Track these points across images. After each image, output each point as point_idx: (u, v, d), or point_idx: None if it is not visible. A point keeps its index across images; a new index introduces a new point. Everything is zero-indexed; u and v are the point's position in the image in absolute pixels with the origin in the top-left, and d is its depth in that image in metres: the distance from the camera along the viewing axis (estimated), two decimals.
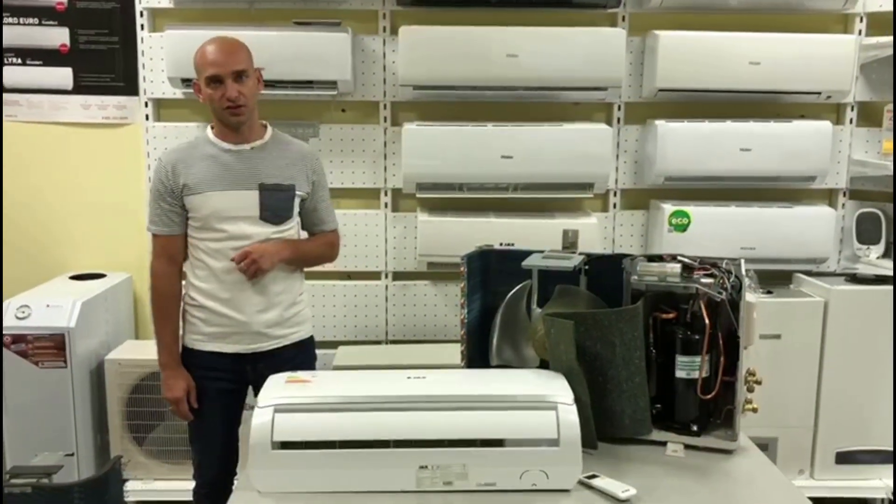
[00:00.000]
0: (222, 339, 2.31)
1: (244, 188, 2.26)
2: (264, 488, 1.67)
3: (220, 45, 2.23)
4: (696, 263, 1.89)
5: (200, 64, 2.22)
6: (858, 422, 3.20)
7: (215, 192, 2.24)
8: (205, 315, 2.31)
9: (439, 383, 1.77)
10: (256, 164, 2.28)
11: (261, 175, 2.27)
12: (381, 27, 3.27)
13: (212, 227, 2.25)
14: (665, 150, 3.18)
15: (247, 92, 2.22)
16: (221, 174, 2.25)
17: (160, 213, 2.28)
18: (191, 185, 2.24)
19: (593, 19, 3.26)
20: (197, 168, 2.25)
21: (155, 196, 2.29)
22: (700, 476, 1.76)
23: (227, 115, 2.23)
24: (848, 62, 3.18)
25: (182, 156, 2.28)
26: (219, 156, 2.27)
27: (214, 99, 2.21)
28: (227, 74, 2.19)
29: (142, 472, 3.05)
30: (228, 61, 2.19)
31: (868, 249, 3.30)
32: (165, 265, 2.32)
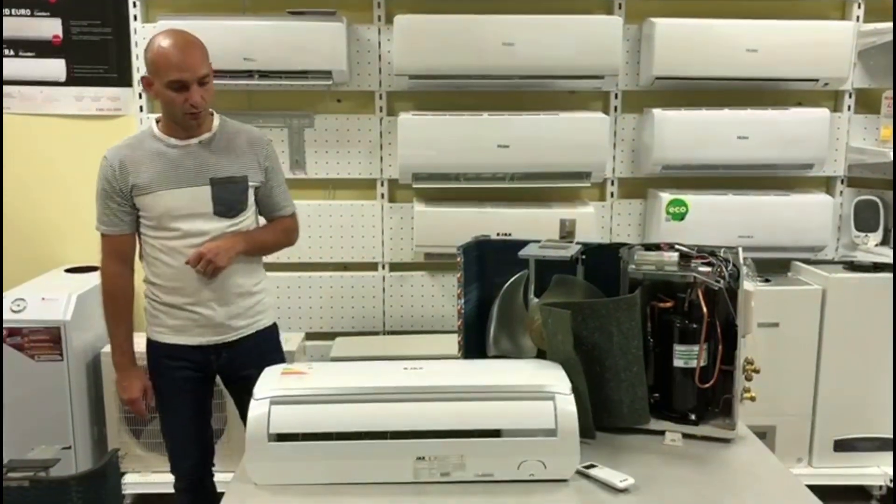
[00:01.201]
0: (185, 331, 2.28)
1: (195, 184, 2.19)
2: (261, 481, 1.66)
3: (184, 47, 2.11)
4: (694, 252, 1.88)
5: (163, 66, 2.10)
6: (856, 410, 3.20)
7: (166, 190, 2.17)
8: (166, 309, 2.28)
9: (436, 374, 1.76)
10: (206, 158, 2.21)
11: (211, 169, 2.21)
12: (376, 16, 3.24)
13: (165, 226, 2.20)
14: (662, 139, 3.17)
15: (207, 96, 2.16)
16: (171, 172, 2.18)
17: (108, 213, 2.21)
18: (140, 184, 2.17)
19: (589, 7, 3.24)
20: (145, 167, 2.17)
21: (102, 195, 2.21)
22: (698, 465, 1.76)
23: (186, 119, 2.16)
24: (846, 49, 3.17)
25: (128, 153, 2.19)
26: (166, 152, 2.20)
27: (177, 103, 2.12)
28: (193, 80, 2.11)
29: (139, 465, 3.05)
30: (195, 67, 2.10)
31: (866, 237, 3.30)
32: (116, 265, 2.26)
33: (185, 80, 2.09)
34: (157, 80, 2.12)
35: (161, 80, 2.11)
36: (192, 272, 2.19)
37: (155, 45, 2.12)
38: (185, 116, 2.15)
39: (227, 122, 2.30)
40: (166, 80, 2.10)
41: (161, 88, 2.12)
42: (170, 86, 2.10)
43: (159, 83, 2.12)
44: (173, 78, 2.09)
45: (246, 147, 2.28)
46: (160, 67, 2.10)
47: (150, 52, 2.13)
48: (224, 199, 2.22)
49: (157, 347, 2.32)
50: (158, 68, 2.11)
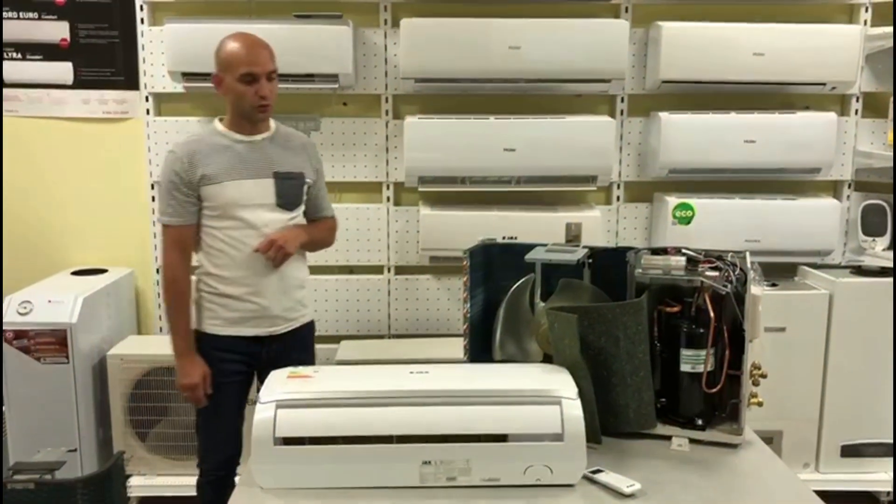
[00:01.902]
0: (241, 323, 2.35)
1: (260, 177, 2.32)
2: (267, 484, 1.66)
3: (255, 43, 2.29)
4: (701, 256, 1.88)
5: (235, 61, 2.25)
6: (864, 415, 3.19)
7: (233, 181, 2.29)
8: (224, 301, 2.34)
9: (442, 378, 1.76)
10: (269, 153, 2.35)
11: (274, 164, 2.34)
12: (383, 20, 3.25)
13: (230, 215, 2.30)
14: (669, 143, 3.16)
15: (274, 91, 2.32)
16: (237, 164, 2.30)
17: (175, 204, 2.30)
18: (209, 175, 2.27)
19: (596, 10, 3.23)
20: (213, 158, 2.29)
21: (169, 187, 2.30)
22: (705, 470, 1.75)
23: (255, 112, 2.30)
24: (853, 53, 3.16)
25: (197, 147, 2.31)
26: (232, 146, 2.32)
27: (247, 95, 2.26)
28: (263, 73, 2.26)
29: (145, 468, 3.05)
30: (265, 61, 2.27)
31: (873, 241, 3.28)
32: (179, 256, 2.33)
33: (256, 73, 2.25)
34: (228, 75, 2.27)
35: (233, 74, 2.26)
36: (254, 263, 2.30)
37: (227, 43, 2.28)
38: (253, 109, 2.29)
39: (281, 126, 2.45)
40: (238, 73, 2.25)
41: (232, 83, 2.26)
42: (241, 79, 2.25)
43: (231, 78, 2.26)
44: (245, 71, 2.24)
45: (300, 148, 2.44)
46: (233, 62, 2.26)
47: (222, 51, 2.29)
48: (285, 193, 2.35)
49: (210, 339, 2.37)
50: (231, 63, 2.26)
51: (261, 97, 2.27)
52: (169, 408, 3.02)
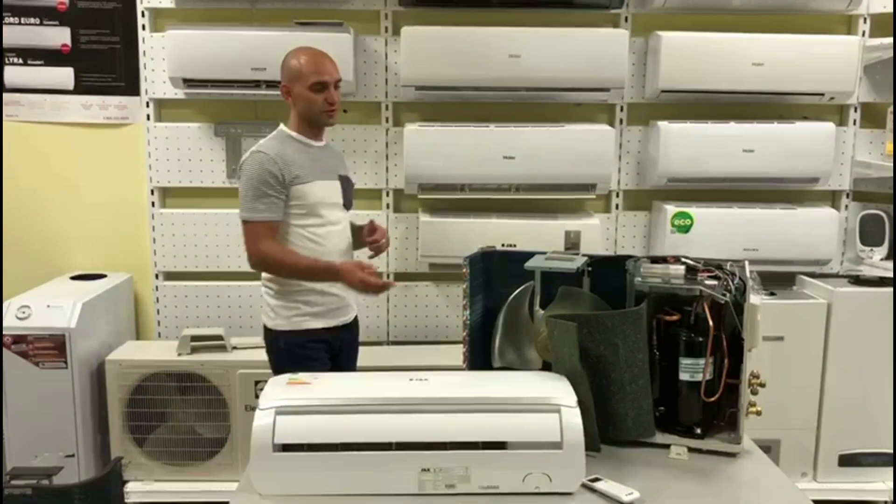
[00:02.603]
0: (325, 315, 2.48)
1: (331, 178, 2.52)
2: (265, 491, 1.65)
3: (323, 55, 2.47)
4: (700, 265, 1.88)
5: (307, 70, 2.41)
6: (861, 424, 3.19)
7: (318, 181, 2.45)
8: (309, 297, 2.45)
9: (441, 385, 1.76)
10: (331, 158, 2.57)
11: (337, 168, 2.57)
12: (383, 27, 3.26)
13: (316, 213, 2.45)
14: (668, 151, 3.17)
15: (339, 99, 2.51)
16: (317, 165, 2.47)
17: (268, 202, 2.38)
18: (301, 174, 2.41)
19: (596, 20, 3.25)
20: (299, 159, 2.44)
21: (261, 185, 2.38)
22: (703, 479, 1.75)
23: (324, 117, 2.47)
24: (851, 63, 3.17)
25: (283, 148, 2.44)
26: (307, 150, 2.49)
27: (317, 102, 2.43)
28: (332, 82, 2.45)
29: (142, 473, 3.04)
30: (334, 71, 2.46)
31: (871, 251, 3.29)
32: (272, 242, 2.40)
33: (326, 81, 2.43)
34: (299, 85, 2.43)
35: (304, 83, 2.42)
36: (334, 257, 2.45)
37: (296, 56, 2.45)
38: (323, 114, 2.47)
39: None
40: (310, 82, 2.42)
41: (303, 91, 2.43)
42: (312, 87, 2.42)
43: (301, 87, 2.43)
44: (318, 80, 2.42)
45: (340, 154, 2.69)
46: (304, 73, 2.42)
47: (291, 63, 2.45)
48: (346, 194, 2.57)
49: (298, 335, 2.46)
50: (302, 74, 2.42)
51: (330, 103, 2.44)
52: (167, 413, 3.01)
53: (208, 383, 2.97)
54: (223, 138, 3.30)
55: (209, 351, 3.01)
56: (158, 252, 3.36)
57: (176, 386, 2.99)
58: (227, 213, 3.34)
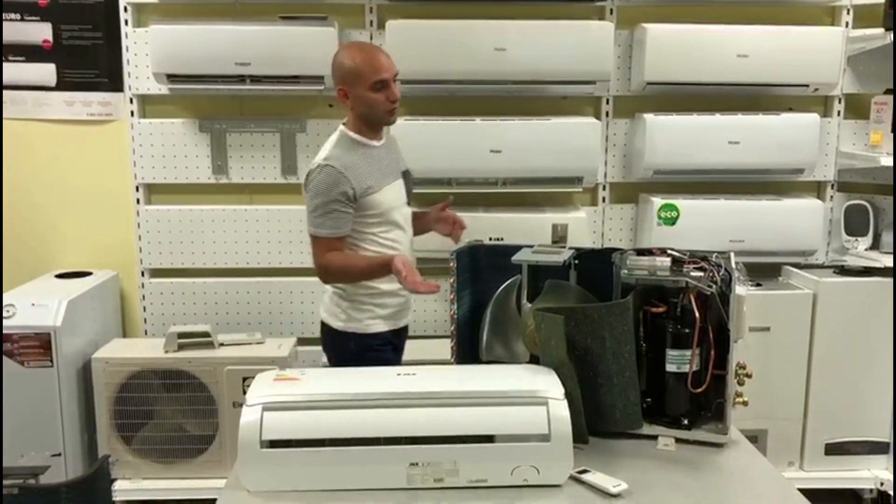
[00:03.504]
0: (392, 317, 2.48)
1: (396, 178, 2.47)
2: (254, 487, 1.65)
3: (378, 49, 2.41)
4: (686, 257, 1.89)
5: (367, 71, 2.31)
6: (847, 413, 3.21)
7: (386, 186, 2.41)
8: (380, 300, 2.44)
9: (429, 380, 1.76)
10: (391, 155, 2.51)
11: (399, 164, 2.52)
12: (368, 21, 3.25)
13: (388, 219, 2.41)
14: (654, 144, 3.18)
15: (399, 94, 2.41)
16: (382, 169, 2.42)
17: (336, 217, 2.32)
18: (371, 185, 2.35)
19: (581, 12, 3.24)
20: (365, 168, 2.37)
21: (330, 202, 2.30)
22: (691, 470, 1.76)
23: (386, 116, 2.40)
24: (835, 54, 3.19)
25: (350, 159, 2.35)
26: (372, 153, 2.42)
27: (379, 101, 2.34)
28: (392, 78, 2.36)
29: (130, 472, 3.02)
30: (391, 67, 2.37)
31: (856, 241, 3.31)
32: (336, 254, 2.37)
33: (386, 79, 2.34)
34: (359, 86, 2.33)
35: (364, 84, 2.32)
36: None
37: (350, 56, 2.36)
38: (385, 113, 2.39)
39: None
40: (371, 82, 2.32)
41: (363, 92, 2.33)
42: (373, 87, 2.32)
43: (362, 88, 2.33)
44: (380, 78, 2.32)
45: (396, 144, 2.60)
46: (364, 73, 2.32)
47: (346, 65, 2.35)
48: (408, 189, 2.54)
49: (371, 338, 2.45)
50: (361, 74, 2.32)
51: (391, 101, 2.36)
52: (154, 411, 3.00)
53: (196, 380, 2.96)
54: (208, 134, 3.29)
55: (196, 348, 3.00)
56: (144, 249, 3.34)
57: (163, 383, 2.98)
58: (213, 209, 3.33)
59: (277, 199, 3.36)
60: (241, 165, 3.31)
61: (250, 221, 3.33)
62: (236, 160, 3.31)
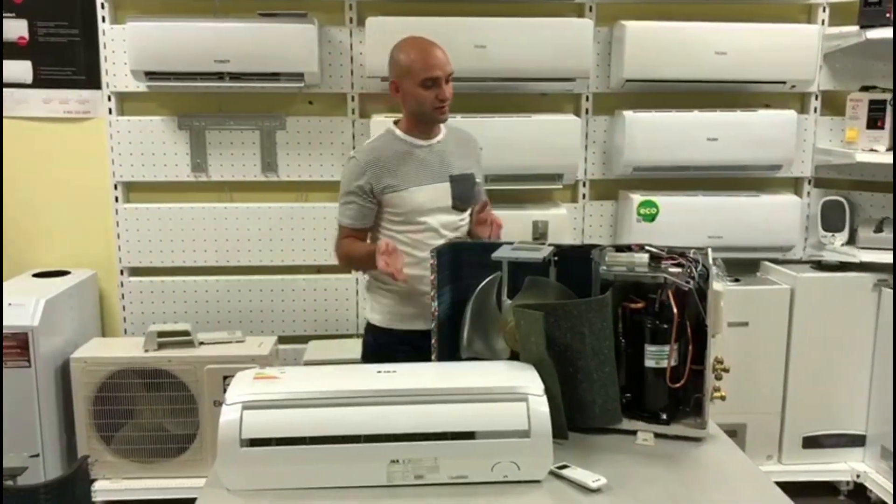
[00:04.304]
0: (416, 318, 2.36)
1: (438, 181, 2.38)
2: (234, 486, 1.65)
3: (434, 47, 2.33)
4: (664, 253, 1.90)
5: (418, 67, 2.29)
6: (825, 406, 3.25)
7: (416, 187, 2.34)
8: (403, 299, 2.40)
9: (410, 377, 1.76)
10: (445, 156, 2.41)
11: (450, 167, 2.40)
12: (348, 18, 3.24)
13: (413, 220, 2.36)
14: (633, 141, 3.20)
15: (451, 93, 2.36)
16: (418, 170, 2.36)
17: (354, 209, 2.37)
18: (393, 183, 2.33)
19: (560, 9, 3.25)
20: (395, 166, 2.34)
21: (348, 192, 2.36)
22: (670, 464, 1.77)
23: (435, 114, 2.35)
24: (812, 52, 3.22)
25: (378, 155, 2.36)
26: (412, 152, 2.37)
27: (428, 99, 2.30)
28: (443, 76, 2.31)
29: (110, 472, 3.00)
30: (444, 65, 2.32)
31: (833, 237, 3.35)
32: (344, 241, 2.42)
33: (437, 77, 2.30)
34: (409, 81, 2.31)
35: (414, 80, 2.30)
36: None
37: (404, 50, 2.33)
38: (434, 111, 2.34)
39: (450, 124, 2.48)
40: (420, 78, 2.29)
41: (413, 88, 2.31)
42: (423, 84, 2.29)
43: (411, 83, 2.31)
44: (430, 75, 2.29)
45: (469, 146, 2.52)
46: (414, 69, 2.30)
47: (400, 58, 2.33)
48: (460, 194, 2.41)
49: (391, 335, 2.43)
50: (412, 69, 2.30)
51: (440, 100, 2.31)
52: (134, 411, 2.98)
53: (176, 379, 2.95)
54: (187, 131, 3.27)
55: (176, 347, 2.98)
56: (123, 248, 3.31)
57: (143, 383, 2.96)
58: (193, 206, 3.31)
59: (257, 196, 3.35)
60: (220, 163, 3.30)
61: (230, 219, 3.31)
62: (216, 158, 3.29)
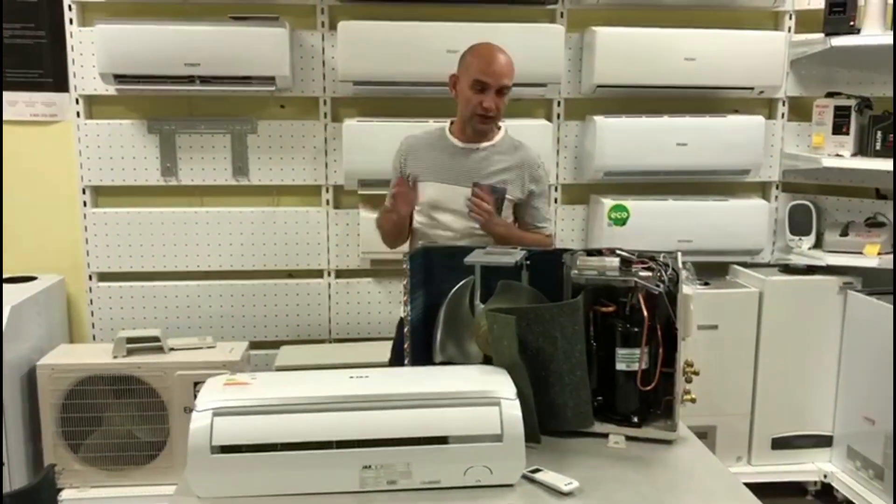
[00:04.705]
0: None
1: (460, 184, 2.40)
2: (204, 494, 1.63)
3: (497, 57, 2.36)
4: (635, 257, 1.91)
5: (475, 67, 2.34)
6: (793, 408, 3.30)
7: (434, 182, 2.42)
8: None
9: (382, 382, 1.75)
10: (479, 163, 2.43)
11: (479, 174, 2.41)
12: (320, 22, 3.23)
13: (427, 213, 2.46)
14: (604, 146, 3.22)
15: (501, 106, 2.39)
16: (445, 167, 2.42)
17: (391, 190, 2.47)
18: (417, 172, 2.45)
19: (532, 15, 3.27)
20: (424, 156, 2.45)
21: (393, 170, 2.55)
22: (641, 467, 1.79)
23: (475, 120, 2.39)
24: (779, 58, 3.27)
25: (418, 143, 2.50)
26: (449, 149, 2.45)
27: (472, 102, 2.35)
28: (494, 86, 2.34)
29: (78, 480, 2.95)
30: (502, 76, 2.34)
31: (800, 240, 3.40)
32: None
33: (487, 83, 2.33)
34: (464, 79, 2.37)
35: (468, 79, 2.35)
36: None
37: (474, 49, 2.39)
38: (474, 117, 2.38)
39: (510, 137, 2.52)
40: (472, 79, 2.34)
41: (464, 86, 2.37)
42: (472, 85, 2.34)
43: (465, 80, 2.36)
44: (477, 78, 2.33)
45: (517, 163, 2.47)
46: (470, 67, 2.36)
47: (467, 54, 2.40)
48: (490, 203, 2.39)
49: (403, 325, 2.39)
50: (469, 68, 2.37)
51: (484, 108, 2.33)
52: (103, 418, 2.94)
53: (146, 386, 2.91)
54: (157, 135, 3.23)
55: (146, 353, 2.95)
56: (92, 253, 3.27)
57: (112, 389, 2.92)
58: (162, 211, 3.27)
59: (228, 200, 3.33)
60: (190, 167, 3.27)
61: (201, 224, 3.28)
62: (186, 161, 3.26)
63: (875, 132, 3.17)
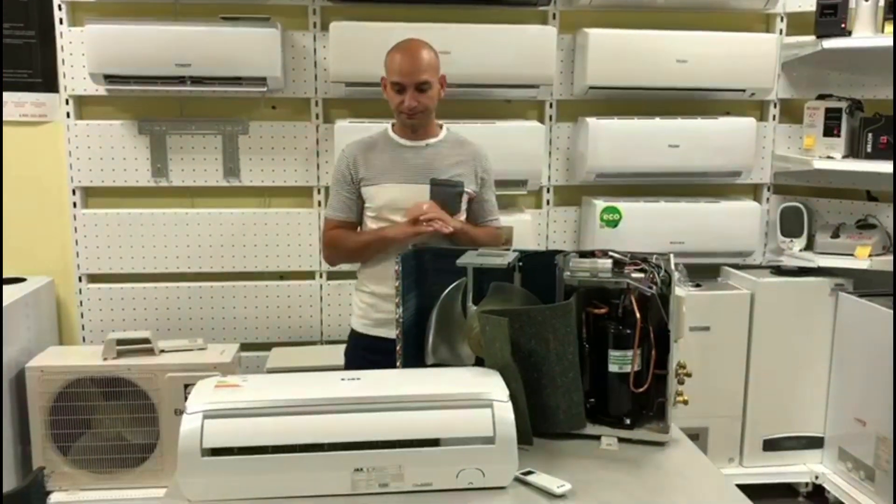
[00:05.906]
0: (388, 324, 2.22)
1: (417, 182, 2.38)
2: (195, 497, 1.62)
3: (410, 54, 2.33)
4: (627, 259, 1.91)
5: (388, 68, 2.36)
6: (784, 409, 3.31)
7: (391, 184, 2.38)
8: (373, 301, 2.42)
9: (374, 384, 1.74)
10: (431, 160, 2.41)
11: (433, 171, 2.40)
12: (312, 23, 3.22)
13: (384, 217, 2.39)
14: (596, 147, 3.22)
15: (426, 101, 2.35)
16: (398, 168, 2.39)
17: (339, 200, 2.43)
18: (368, 176, 2.39)
19: (524, 17, 3.27)
20: (375, 160, 2.40)
21: (335, 184, 2.45)
22: (633, 469, 1.78)
23: (402, 119, 2.38)
24: (770, 60, 3.28)
25: (363, 147, 2.43)
26: (397, 150, 2.42)
27: (394, 101, 2.36)
28: (410, 85, 2.32)
29: (67, 483, 2.93)
30: (413, 73, 2.31)
31: (791, 242, 3.41)
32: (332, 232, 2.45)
33: (401, 83, 2.32)
34: (387, 80, 2.37)
35: (388, 79, 2.37)
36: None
37: (390, 50, 2.37)
38: (400, 116, 2.39)
39: (454, 134, 2.51)
40: (389, 80, 2.36)
41: (387, 88, 2.38)
42: (392, 86, 2.35)
43: (387, 82, 2.37)
44: (393, 80, 2.34)
45: (467, 157, 2.47)
46: (388, 69, 2.36)
47: (387, 55, 2.37)
48: (439, 200, 2.37)
49: (360, 339, 2.46)
50: (386, 68, 2.37)
51: (405, 108, 2.33)
52: (93, 420, 2.92)
53: (136, 388, 2.89)
54: (147, 136, 3.22)
55: (136, 355, 2.93)
56: (82, 254, 3.25)
57: (102, 391, 2.90)
58: (153, 212, 3.26)
59: (219, 202, 3.31)
60: (181, 168, 3.25)
61: (191, 225, 3.27)
62: (177, 163, 3.25)
63: (866, 134, 3.18)
